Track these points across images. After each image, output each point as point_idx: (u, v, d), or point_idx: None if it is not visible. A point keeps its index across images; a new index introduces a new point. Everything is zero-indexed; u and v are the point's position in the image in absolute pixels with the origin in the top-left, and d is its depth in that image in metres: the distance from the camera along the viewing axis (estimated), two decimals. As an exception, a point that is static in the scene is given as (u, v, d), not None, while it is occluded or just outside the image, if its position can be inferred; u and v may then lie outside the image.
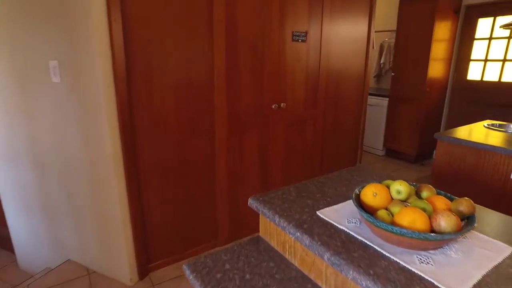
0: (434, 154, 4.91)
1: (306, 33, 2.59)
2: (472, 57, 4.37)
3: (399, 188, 1.05)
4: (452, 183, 2.31)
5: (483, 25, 4.22)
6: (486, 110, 4.33)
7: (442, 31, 4.16)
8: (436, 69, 4.32)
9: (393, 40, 4.68)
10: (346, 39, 2.93)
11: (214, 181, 2.37)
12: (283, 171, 2.81)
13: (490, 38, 4.18)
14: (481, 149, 2.11)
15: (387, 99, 4.67)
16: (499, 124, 2.71)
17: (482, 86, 4.34)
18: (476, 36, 4.30)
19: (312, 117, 2.87)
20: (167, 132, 2.07)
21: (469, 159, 2.19)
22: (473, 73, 4.41)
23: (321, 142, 3.03)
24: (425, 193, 1.11)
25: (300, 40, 2.57)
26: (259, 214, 1.30)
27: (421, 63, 4.21)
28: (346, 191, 1.36)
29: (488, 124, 2.69)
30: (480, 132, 2.41)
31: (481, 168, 2.14)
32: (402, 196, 1.05)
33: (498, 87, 4.19)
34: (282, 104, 2.58)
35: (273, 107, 2.53)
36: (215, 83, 2.18)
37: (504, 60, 4.11)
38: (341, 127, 3.18)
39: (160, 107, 2.00)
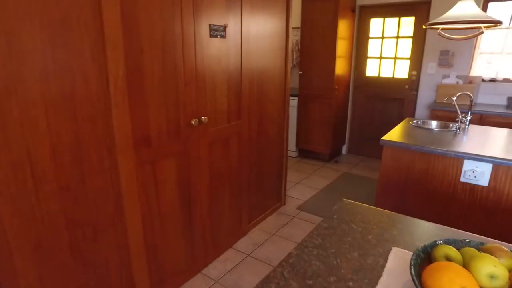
0: (343, 149, 5.06)
1: (225, 27, 2.08)
2: (369, 55, 4.54)
3: (494, 271, 0.64)
4: (401, 189, 2.13)
5: (376, 25, 4.40)
6: (385, 104, 4.55)
7: (344, 29, 4.17)
8: (341, 66, 4.33)
9: (298, 37, 4.54)
10: (266, 35, 2.53)
11: (125, 233, 1.67)
12: (210, 200, 2.25)
13: (383, 38, 4.39)
14: (431, 153, 1.95)
15: (296, 98, 4.51)
16: (422, 121, 2.70)
17: (379, 81, 4.54)
18: (371, 35, 4.46)
19: (237, 130, 2.38)
20: (41, 181, 1.29)
21: (418, 164, 2.03)
22: (371, 69, 4.58)
23: (247, 157, 2.56)
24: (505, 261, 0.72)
25: (219, 36, 2.04)
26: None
27: (328, 61, 4.15)
28: (365, 261, 0.91)
29: (413, 123, 2.64)
30: (418, 133, 2.29)
31: (431, 172, 2.00)
32: (498, 284, 0.64)
33: (392, 82, 4.44)
34: (203, 118, 2.02)
35: (192, 122, 1.95)
36: (111, 97, 1.48)
37: (395, 58, 4.36)
38: (266, 135, 2.77)
39: (19, 142, 1.22)
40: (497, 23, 1.99)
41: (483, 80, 3.81)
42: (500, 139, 2.19)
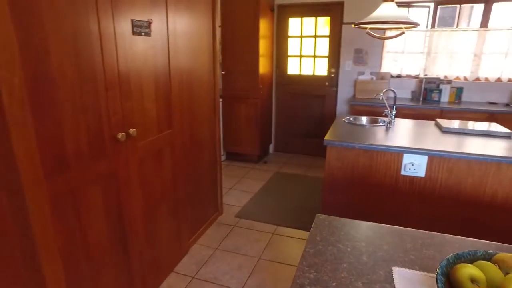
0: (270, 148, 5.06)
1: (150, 23, 1.78)
2: (289, 53, 4.59)
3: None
4: (347, 187, 2.12)
5: (294, 24, 4.47)
6: (307, 101, 4.67)
7: (265, 28, 4.13)
8: (264, 65, 4.28)
9: (219, 36, 4.35)
10: (193, 33, 2.28)
11: (43, 279, 1.28)
12: (145, 224, 1.93)
13: (301, 36, 4.48)
14: (374, 150, 1.98)
15: (221, 99, 4.33)
16: (353, 118, 2.77)
17: (301, 79, 4.63)
18: (290, 34, 4.52)
19: (170, 140, 2.10)
20: None
21: (362, 161, 2.04)
22: (292, 68, 4.65)
23: (182, 169, 2.30)
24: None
25: (143, 33, 1.73)
26: None
27: (252, 60, 4.06)
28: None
29: (345, 120, 2.69)
30: (355, 130, 2.32)
31: (375, 168, 2.03)
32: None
33: (313, 80, 4.58)
34: (131, 131, 1.70)
35: (119, 137, 1.62)
36: (6, 112, 1.10)
37: (315, 56, 4.50)
38: (198, 141, 2.54)
39: None
40: (416, 24, 2.11)
41: (391, 76, 4.16)
42: (425, 130, 2.35)
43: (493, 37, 3.81)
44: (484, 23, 3.83)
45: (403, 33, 2.23)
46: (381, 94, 2.54)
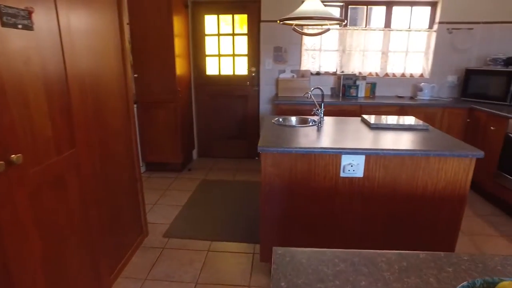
0: (193, 154, 4.73)
1: (30, 13, 1.36)
2: (207, 53, 4.34)
3: None
4: (286, 194, 1.97)
5: (210, 22, 4.23)
6: (229, 101, 4.48)
7: (179, 25, 3.80)
8: (181, 66, 3.95)
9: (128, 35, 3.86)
10: (95, 30, 1.88)
11: None
12: (49, 274, 1.50)
13: (219, 35, 4.26)
14: (311, 153, 1.86)
15: (135, 105, 3.86)
16: (282, 119, 2.66)
17: (221, 79, 4.42)
18: (207, 32, 4.26)
19: (74, 162, 1.69)
20: None
21: (300, 166, 1.91)
22: (211, 68, 4.41)
23: (93, 194, 1.89)
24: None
25: (20, 26, 1.31)
26: None
27: (168, 61, 3.69)
28: None
29: (275, 121, 2.56)
30: (288, 133, 2.19)
31: (313, 172, 1.92)
32: None
33: (234, 79, 4.40)
34: (14, 157, 1.27)
35: (-4, 166, 1.19)
36: None
37: (234, 55, 4.32)
38: (112, 157, 2.14)
39: None
40: (342, 20, 2.06)
41: (311, 73, 4.21)
42: (354, 128, 2.34)
43: (395, 37, 4.11)
44: (387, 24, 4.11)
45: (328, 29, 2.17)
46: (309, 92, 2.46)
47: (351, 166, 1.86)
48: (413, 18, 4.10)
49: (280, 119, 2.62)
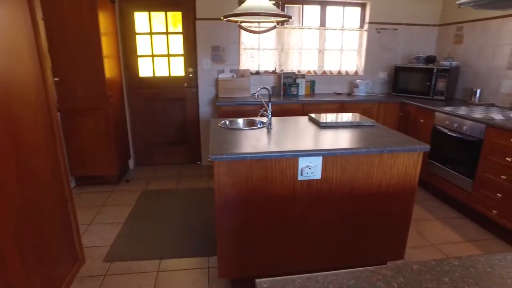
0: (130, 163, 4.33)
1: None
2: (139, 53, 4.00)
3: None
4: (243, 204, 1.84)
5: (141, 19, 3.90)
6: (166, 105, 4.21)
7: (106, 23, 3.42)
8: (111, 68, 3.57)
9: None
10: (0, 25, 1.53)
11: None
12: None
13: (151, 33, 3.95)
14: (268, 158, 1.75)
15: (58, 113, 3.39)
16: (228, 121, 2.51)
17: (156, 81, 4.12)
18: (137, 31, 3.92)
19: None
20: None
21: (256, 173, 1.79)
22: (144, 69, 4.08)
23: (12, 226, 1.55)
24: None
25: None
26: None
27: (94, 62, 3.30)
28: None
29: (221, 125, 2.41)
30: (238, 137, 2.06)
31: (270, 178, 1.81)
32: None
33: (170, 81, 4.14)
34: None
35: None
36: None
37: (169, 55, 4.06)
38: (33, 180, 1.79)
39: None
40: (289, 17, 1.99)
41: (251, 73, 4.13)
42: (304, 128, 2.30)
43: (330, 36, 4.22)
44: (322, 23, 4.20)
45: (275, 27, 2.08)
46: (256, 93, 2.36)
47: (309, 168, 1.80)
48: (346, 18, 4.25)
49: (227, 122, 2.48)
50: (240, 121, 2.54)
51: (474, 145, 2.86)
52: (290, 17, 1.98)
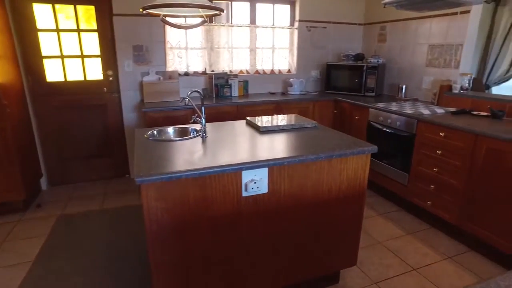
0: (42, 183, 3.66)
1: None
2: (45, 54, 3.39)
3: None
4: (180, 230, 1.55)
5: (44, 13, 3.30)
6: (83, 113, 3.66)
7: (-7, 16, 2.79)
8: (5, 72, 2.94)
9: None
10: None
11: None
12: None
13: (58, 30, 3.38)
14: (207, 174, 1.49)
15: None
16: (156, 131, 2.18)
17: (68, 87, 3.55)
18: (40, 27, 3.32)
19: None
20: None
21: (193, 193, 1.51)
22: (53, 73, 3.48)
23: None
24: None
25: None
26: None
27: (-19, 65, 2.67)
28: None
29: (148, 136, 2.07)
30: (170, 151, 1.75)
31: (211, 198, 1.55)
32: None
33: (86, 86, 3.61)
34: None
35: None
36: None
37: (83, 56, 3.52)
38: None
39: None
40: (220, 10, 1.74)
41: (179, 75, 3.79)
42: (243, 134, 2.08)
43: (261, 34, 4.08)
44: (253, 20, 4.03)
45: (205, 21, 1.82)
46: (187, 97, 2.07)
47: (254, 182, 1.58)
48: (276, 16, 4.14)
49: (155, 132, 2.14)
50: (170, 130, 2.22)
51: (408, 140, 2.93)
52: (221, 10, 1.74)
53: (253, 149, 1.75)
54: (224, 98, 3.73)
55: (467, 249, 2.54)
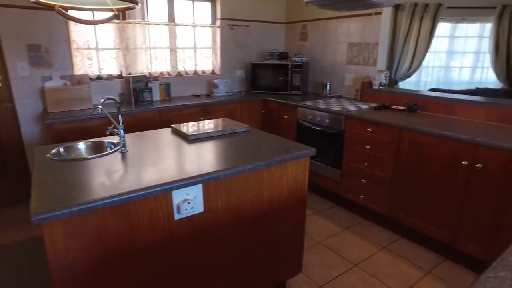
0: None
1: None
2: None
3: None
4: (99, 273, 1.26)
5: None
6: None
7: None
8: None
9: None
10: None
11: None
12: None
13: None
14: (129, 200, 1.23)
15: None
16: (63, 148, 1.81)
17: None
18: None
19: None
20: None
21: (113, 225, 1.24)
22: None
23: None
24: None
25: None
26: None
27: None
28: None
29: (53, 156, 1.70)
30: (80, 173, 1.43)
31: (136, 225, 1.30)
32: None
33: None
34: None
35: None
36: None
37: (-42, 58, 2.85)
38: None
39: None
40: (134, 3, 1.48)
41: (91, 79, 3.33)
42: (169, 144, 1.84)
43: (182, 32, 3.81)
44: (171, 18, 3.74)
45: (116, 15, 1.53)
46: (100, 106, 1.76)
47: (188, 203, 1.37)
48: (197, 13, 3.91)
49: (61, 150, 1.78)
50: (82, 146, 1.87)
51: (337, 137, 2.98)
52: (136, 2, 1.47)
53: (183, 163, 1.53)
54: (145, 104, 3.38)
55: (398, 237, 2.66)
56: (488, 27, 5.30)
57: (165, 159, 1.58)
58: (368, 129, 2.68)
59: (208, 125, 2.19)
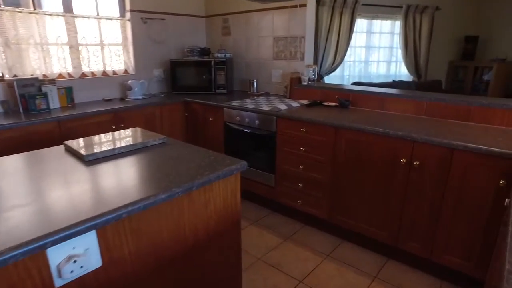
0: None
1: None
2: None
3: None
4: None
5: None
6: None
7: None
8: None
9: None
10: None
11: None
12: None
13: None
14: (-34, 278, 0.78)
15: None
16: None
17: None
18: None
19: None
20: None
21: None
22: None
23: None
24: None
25: None
26: None
27: None
28: None
29: None
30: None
31: None
32: None
33: None
34: None
35: None
36: None
37: None
38: None
39: None
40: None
41: (-43, 85, 2.58)
42: (59, 169, 1.37)
43: (84, 26, 3.21)
44: (68, 8, 3.12)
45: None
46: None
47: (74, 261, 0.96)
48: (101, 4, 3.33)
49: None
50: None
51: (269, 139, 2.74)
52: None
53: (70, 200, 1.10)
54: (39, 113, 2.75)
55: (340, 241, 2.52)
56: (398, 25, 5.61)
57: (43, 195, 1.13)
58: (301, 129, 2.48)
59: (112, 138, 1.75)
